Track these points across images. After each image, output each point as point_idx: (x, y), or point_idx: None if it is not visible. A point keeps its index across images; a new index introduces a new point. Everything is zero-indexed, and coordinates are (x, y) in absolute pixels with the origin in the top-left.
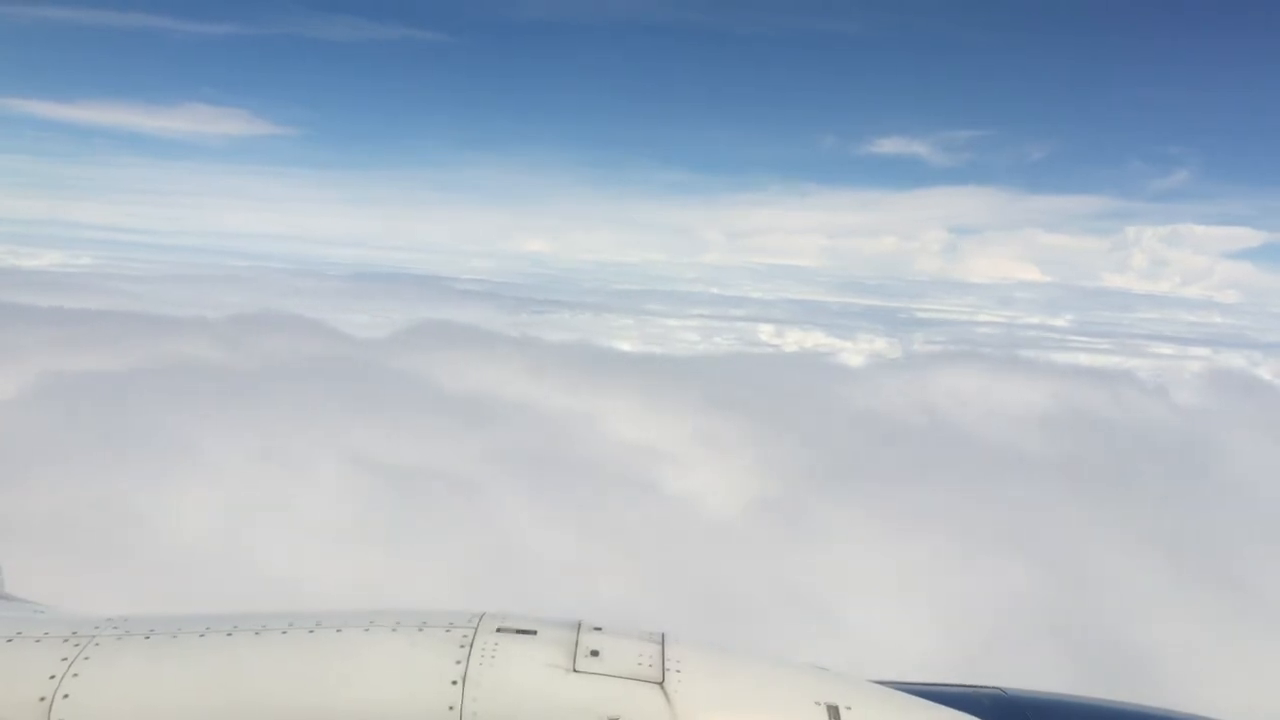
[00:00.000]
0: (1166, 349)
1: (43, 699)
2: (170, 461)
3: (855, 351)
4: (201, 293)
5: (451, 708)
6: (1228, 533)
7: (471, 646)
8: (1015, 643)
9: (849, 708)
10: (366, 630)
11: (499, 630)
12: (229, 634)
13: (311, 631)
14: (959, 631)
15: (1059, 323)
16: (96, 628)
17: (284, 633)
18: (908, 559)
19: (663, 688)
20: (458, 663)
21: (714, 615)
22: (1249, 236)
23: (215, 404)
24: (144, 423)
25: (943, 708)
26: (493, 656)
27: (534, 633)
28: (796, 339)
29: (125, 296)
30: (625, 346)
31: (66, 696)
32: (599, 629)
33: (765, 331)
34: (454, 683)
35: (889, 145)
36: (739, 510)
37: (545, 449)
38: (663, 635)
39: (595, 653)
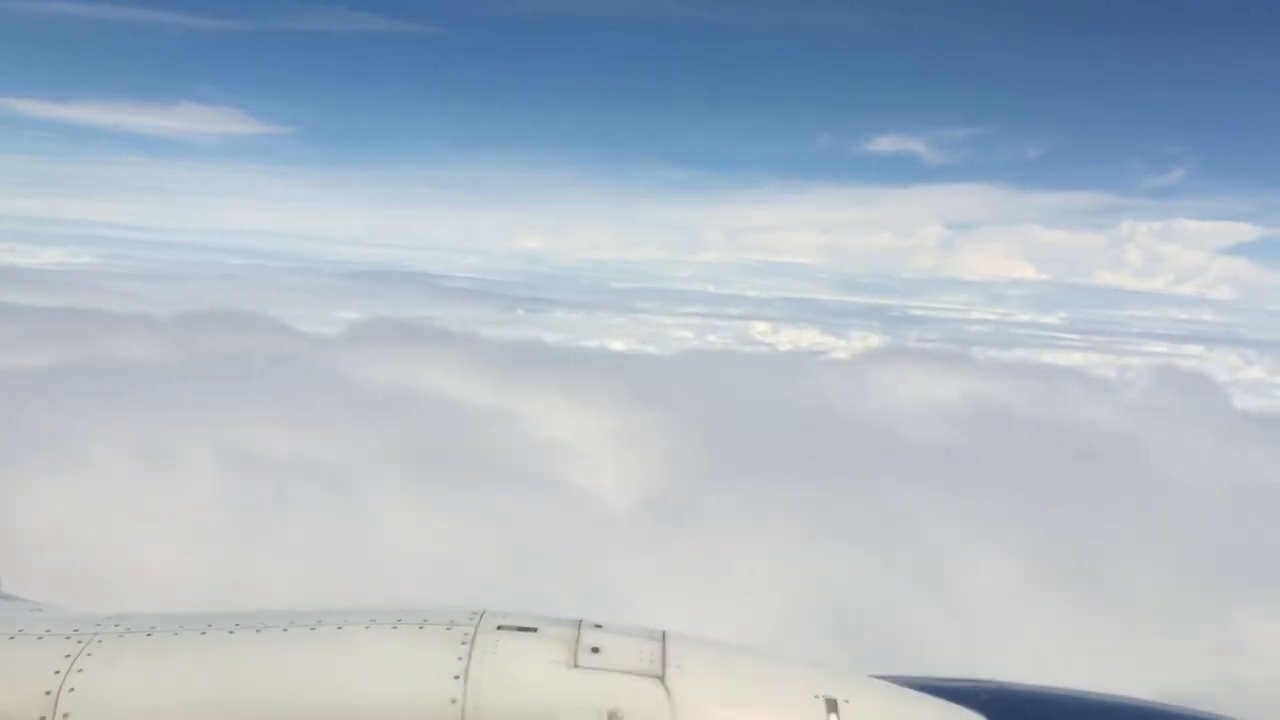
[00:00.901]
0: (1157, 346)
1: (48, 693)
2: (34, 459)
3: (847, 349)
4: (189, 290)
5: (454, 702)
6: (1103, 531)
7: (473, 643)
8: (827, 629)
9: (848, 701)
10: (367, 628)
11: (500, 628)
12: (230, 631)
13: (313, 629)
14: (773, 618)
15: (1050, 320)
16: (98, 625)
17: (285, 630)
18: (760, 553)
19: (663, 683)
20: (459, 659)
21: (560, 603)
22: (1245, 232)
23: (110, 402)
24: (25, 421)
25: (941, 701)
26: (494, 653)
27: (534, 630)
28: (790, 337)
29: (107, 294)
30: (618, 345)
31: (72, 691)
32: (600, 626)
33: (759, 329)
34: (456, 678)
35: (886, 143)
36: (626, 505)
37: (450, 445)
38: (663, 633)
39: (596, 649)
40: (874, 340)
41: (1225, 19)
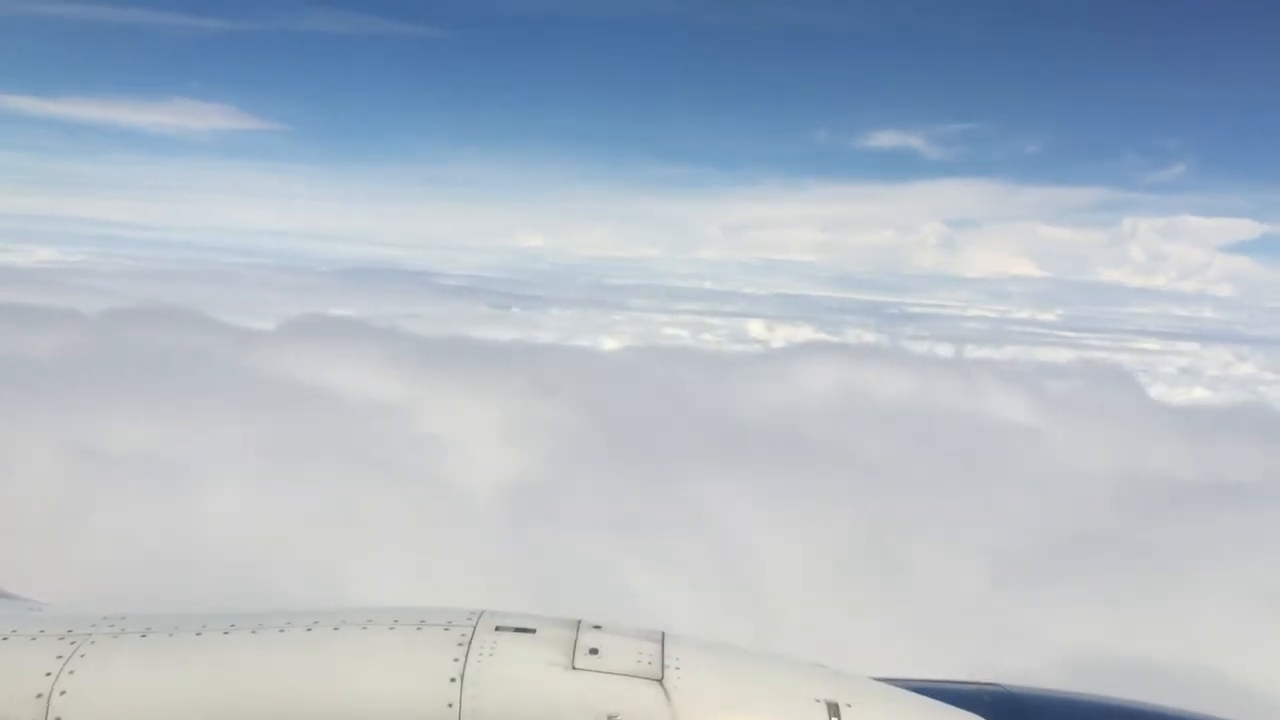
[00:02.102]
0: (1150, 343)
1: (40, 696)
2: None
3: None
4: (169, 288)
5: (451, 705)
6: (944, 520)
7: (470, 644)
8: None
9: (849, 705)
10: (364, 628)
11: (497, 628)
12: (226, 632)
13: (309, 629)
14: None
15: (1048, 317)
16: (93, 625)
17: (281, 631)
18: (589, 545)
19: (662, 685)
20: (456, 660)
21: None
22: (1248, 229)
23: None
24: None
25: (943, 705)
26: (491, 654)
27: (532, 631)
28: (785, 334)
29: (83, 293)
30: (611, 343)
31: (64, 694)
32: (598, 627)
33: (754, 327)
34: (453, 680)
35: (884, 138)
36: (482, 497)
37: (322, 437)
38: (662, 633)
39: (594, 650)
40: (869, 337)
41: (1229, 12)
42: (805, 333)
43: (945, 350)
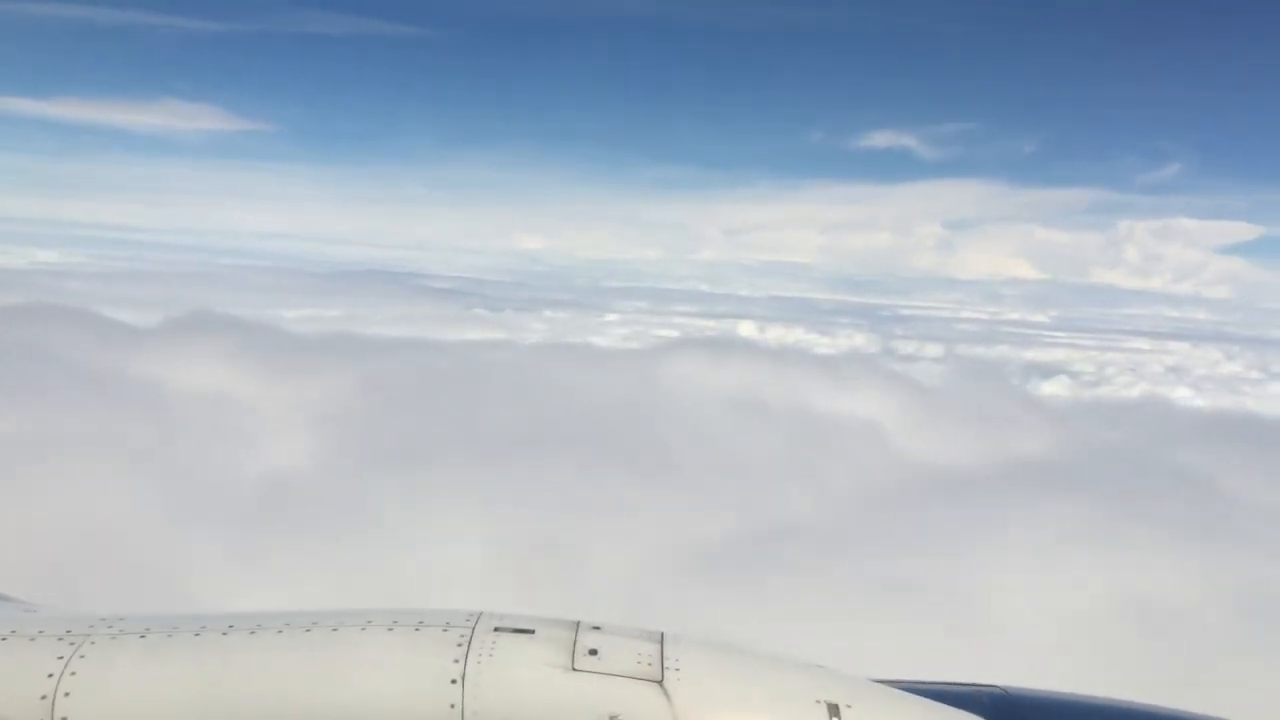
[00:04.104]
0: (1140, 343)
1: (44, 697)
2: None
3: (833, 347)
4: (154, 290)
5: (452, 706)
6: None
7: (469, 646)
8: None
9: (849, 706)
10: (363, 629)
11: (496, 629)
12: (224, 633)
13: (308, 631)
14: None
15: (1040, 319)
16: (91, 626)
17: (280, 632)
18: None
19: (662, 686)
20: (456, 662)
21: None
22: (1243, 231)
23: None
24: None
25: (943, 706)
26: (491, 655)
27: (532, 632)
28: (777, 335)
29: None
30: (602, 342)
31: (68, 694)
32: (597, 628)
33: (746, 328)
34: (453, 682)
35: (881, 140)
36: (238, 490)
37: (117, 430)
38: (661, 634)
39: (594, 651)
40: (859, 339)
41: (1227, 13)
42: (796, 334)
43: (934, 350)
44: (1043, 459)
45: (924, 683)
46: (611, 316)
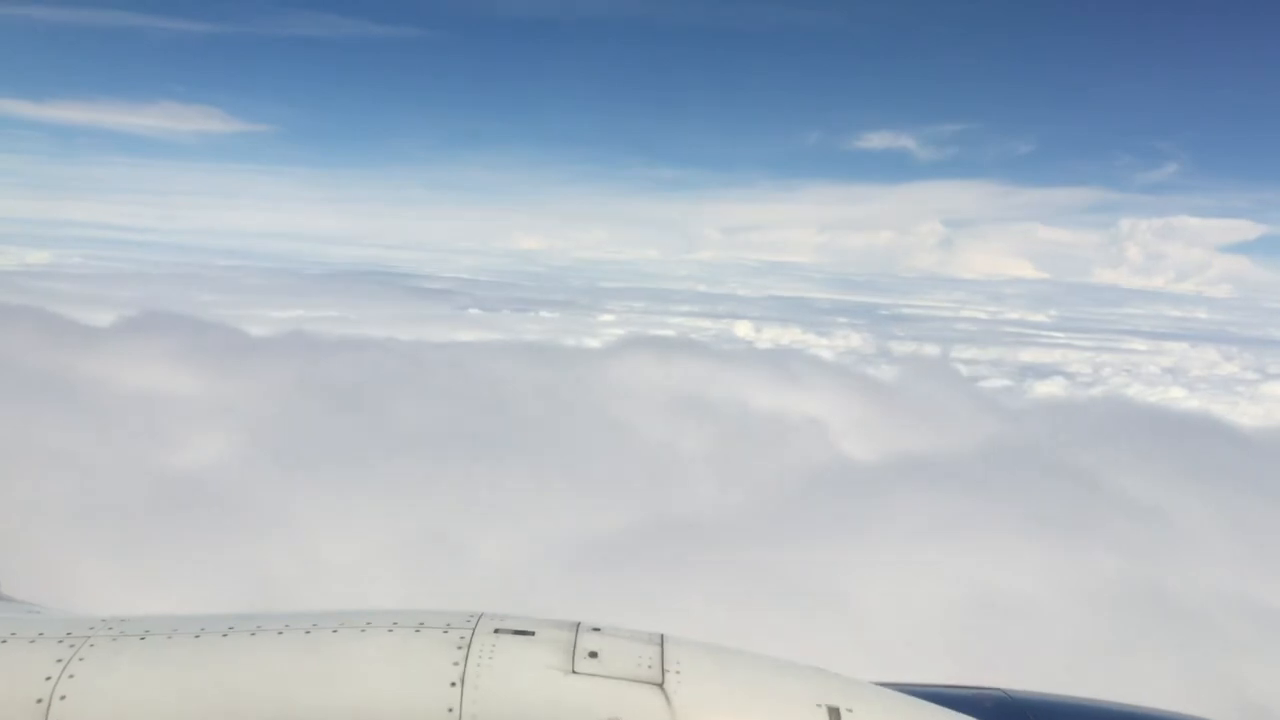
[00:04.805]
0: (1138, 344)
1: (40, 701)
2: None
3: (829, 347)
4: (138, 291)
5: (451, 709)
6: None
7: (469, 647)
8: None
9: (850, 710)
10: (363, 631)
11: (496, 631)
12: (224, 635)
13: (308, 632)
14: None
15: (1039, 318)
16: (91, 629)
17: (280, 634)
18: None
19: (662, 689)
20: (456, 664)
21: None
22: (1246, 229)
23: None
24: None
25: (944, 710)
26: (491, 657)
27: (532, 634)
28: (773, 335)
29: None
30: (593, 343)
31: (64, 698)
32: (598, 629)
33: (742, 328)
34: (453, 684)
35: (881, 140)
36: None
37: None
38: (661, 636)
39: (594, 654)
40: (856, 339)
41: (1228, 11)
42: (792, 334)
43: (931, 350)
44: (961, 456)
45: (925, 685)
46: (607, 317)
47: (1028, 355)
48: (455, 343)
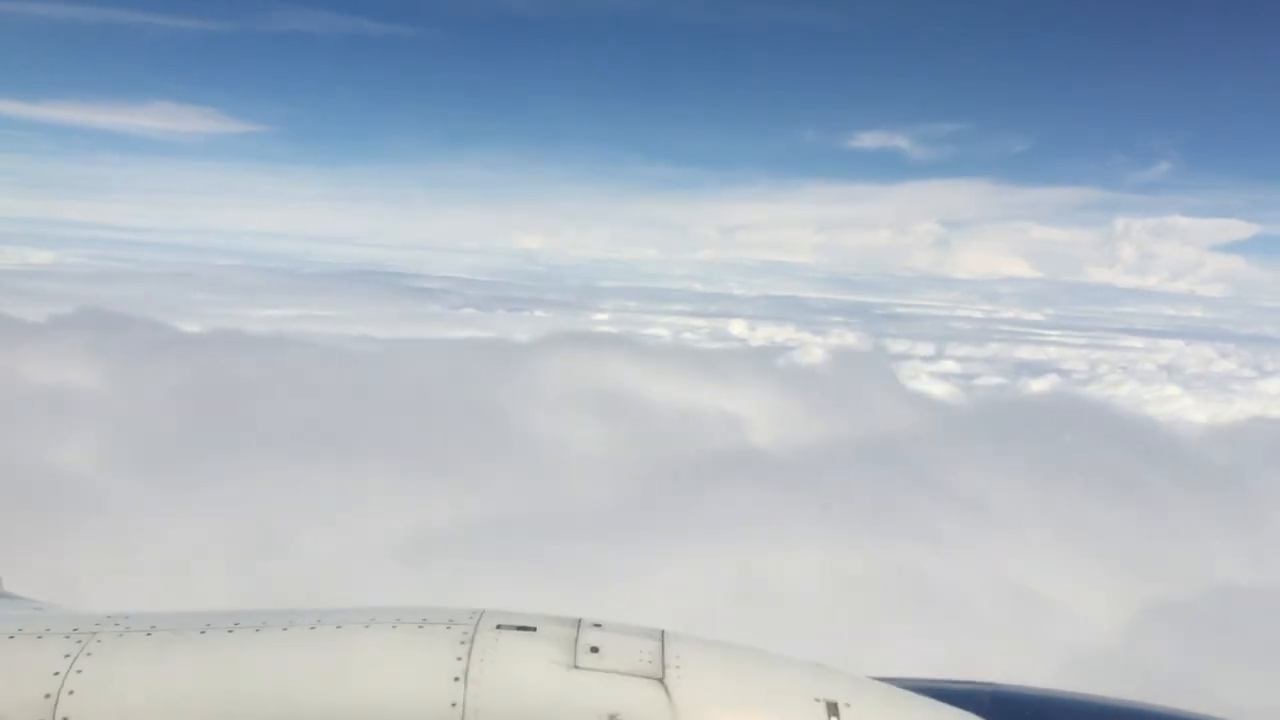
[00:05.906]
0: (1134, 341)
1: (48, 696)
2: None
3: (823, 346)
4: (125, 290)
5: (454, 705)
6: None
7: (472, 644)
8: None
9: (848, 704)
10: (367, 627)
11: (499, 627)
12: (230, 631)
13: (312, 628)
14: None
15: (1034, 317)
16: (98, 624)
17: (285, 630)
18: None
19: (663, 684)
20: (459, 660)
21: None
22: (1240, 229)
23: None
24: None
25: (942, 705)
26: (493, 653)
27: (533, 630)
28: (767, 334)
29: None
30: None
31: (71, 693)
32: (599, 625)
33: (737, 326)
34: (455, 680)
35: (876, 139)
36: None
37: None
38: (662, 632)
39: (595, 649)
40: (850, 337)
41: (1222, 11)
42: (786, 332)
43: (926, 349)
44: (834, 448)
45: (923, 680)
46: (601, 316)
47: (1023, 353)
48: (427, 340)
